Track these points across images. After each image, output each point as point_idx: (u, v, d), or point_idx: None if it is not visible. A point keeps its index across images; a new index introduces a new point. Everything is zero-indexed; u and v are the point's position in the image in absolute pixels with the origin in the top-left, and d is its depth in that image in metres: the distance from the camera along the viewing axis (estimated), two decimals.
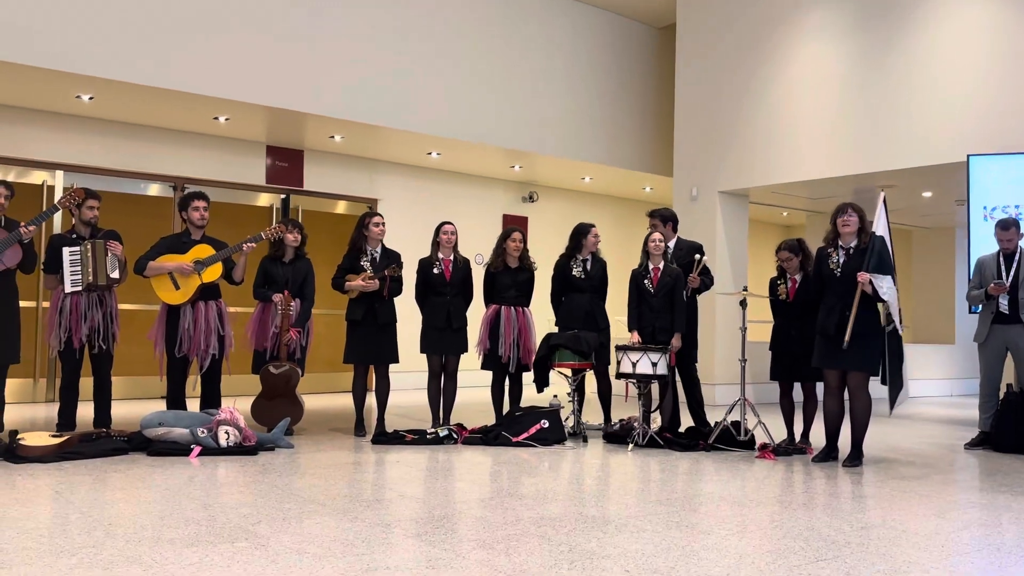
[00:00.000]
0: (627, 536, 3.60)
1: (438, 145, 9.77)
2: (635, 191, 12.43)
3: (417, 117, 9.05)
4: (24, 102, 8.03)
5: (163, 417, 5.55)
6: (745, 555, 3.35)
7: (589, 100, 10.52)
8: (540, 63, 10.08)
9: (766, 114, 9.26)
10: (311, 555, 3.20)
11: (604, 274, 6.79)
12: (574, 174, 11.36)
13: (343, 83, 8.51)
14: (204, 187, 8.75)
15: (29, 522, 3.61)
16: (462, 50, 9.40)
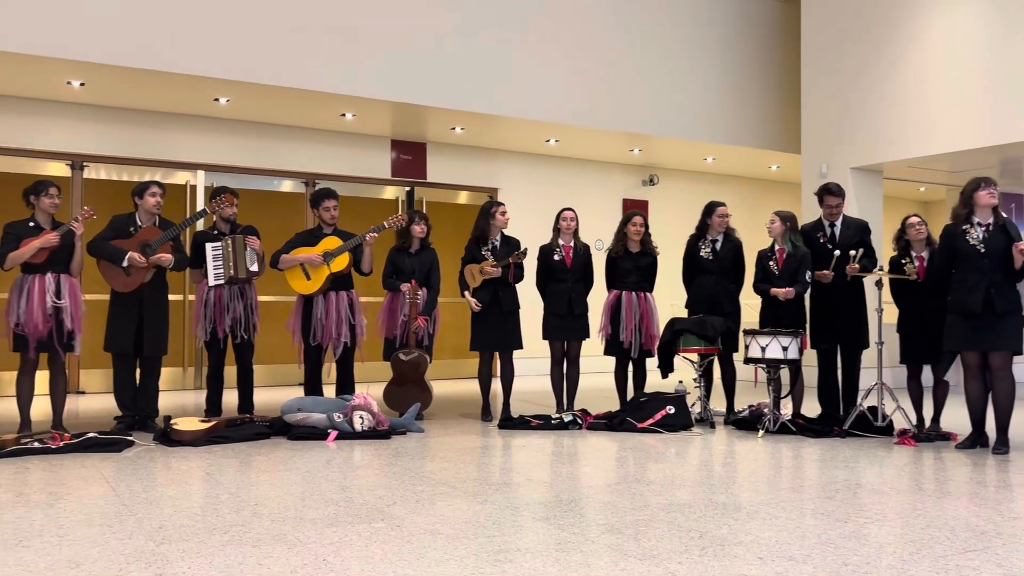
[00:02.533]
0: (759, 523, 3.53)
1: (557, 132, 9.78)
2: (761, 170, 12.07)
3: (536, 105, 9.08)
4: (168, 107, 8.54)
5: (302, 403, 5.81)
6: (885, 544, 3.23)
7: (710, 78, 10.28)
8: (659, 43, 9.92)
9: (900, 84, 8.80)
10: (444, 536, 3.29)
11: (737, 255, 6.58)
12: (696, 155, 11.14)
13: (464, 75, 8.63)
14: (332, 182, 9.09)
15: (184, 501, 3.87)
16: (579, 35, 9.36)
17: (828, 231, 6.23)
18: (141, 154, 8.62)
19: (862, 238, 6.18)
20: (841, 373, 6.19)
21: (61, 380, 5.70)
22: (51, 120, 8.24)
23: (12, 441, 5.03)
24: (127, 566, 2.89)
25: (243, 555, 3.03)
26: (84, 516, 3.56)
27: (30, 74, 7.36)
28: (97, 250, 5.74)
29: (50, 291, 5.45)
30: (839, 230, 6.21)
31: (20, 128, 8.11)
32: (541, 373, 7.46)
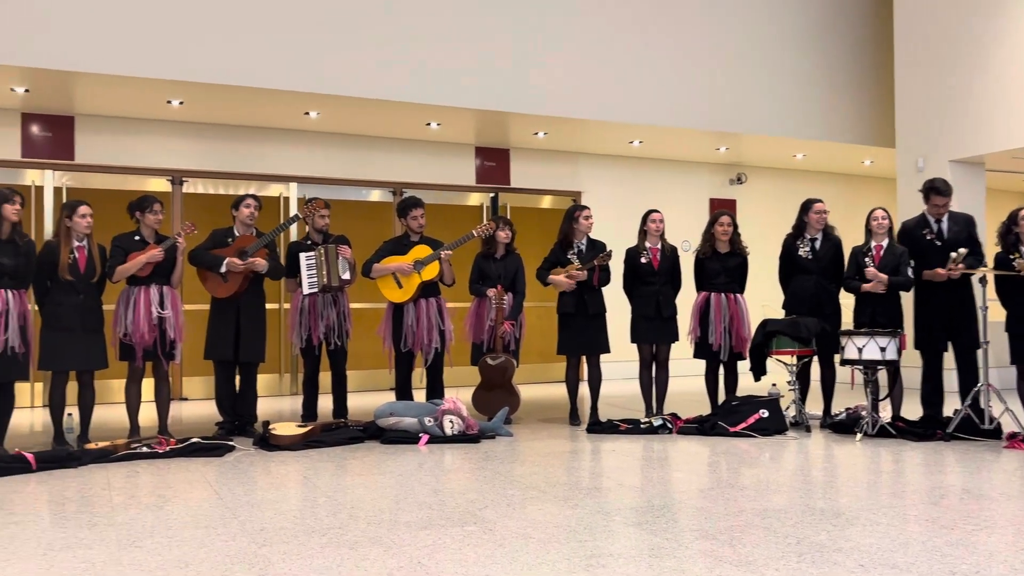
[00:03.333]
0: (860, 529, 3.43)
1: (640, 133, 9.71)
2: (854, 165, 11.71)
3: (619, 107, 9.03)
4: (261, 122, 8.83)
5: (393, 407, 5.92)
6: (995, 553, 3.09)
7: (800, 72, 10.03)
8: (745, 37, 9.74)
9: (1002, 68, 8.41)
10: (536, 540, 3.31)
11: (837, 254, 6.38)
12: (785, 152, 10.89)
13: (546, 80, 8.65)
14: (418, 190, 9.24)
15: (283, 504, 3.99)
16: (662, 34, 9.27)
17: (935, 227, 5.98)
18: (236, 168, 8.94)
19: (969, 233, 5.93)
20: (958, 375, 5.93)
21: (165, 387, 5.96)
22: (152, 138, 8.62)
23: (123, 446, 5.28)
24: (232, 567, 3.00)
25: (341, 557, 3.11)
26: (191, 518, 3.71)
27: (132, 95, 7.73)
28: (197, 259, 5.99)
29: (154, 302, 5.72)
30: (947, 226, 5.97)
31: (123, 146, 8.52)
32: (629, 377, 7.40)
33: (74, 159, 8.35)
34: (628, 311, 6.60)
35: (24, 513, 3.87)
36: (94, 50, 6.93)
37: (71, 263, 5.49)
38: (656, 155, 10.90)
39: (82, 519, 3.71)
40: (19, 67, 6.86)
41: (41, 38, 6.77)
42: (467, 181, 10.05)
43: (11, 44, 6.69)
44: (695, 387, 7.11)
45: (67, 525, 3.61)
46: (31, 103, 7.94)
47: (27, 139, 8.20)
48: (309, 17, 7.66)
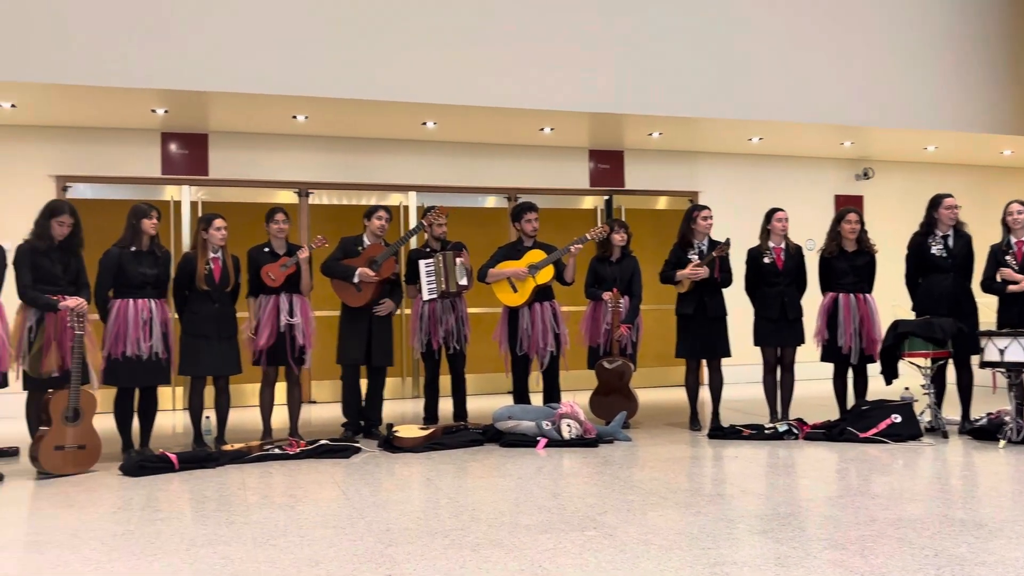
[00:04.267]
0: (1005, 542, 3.23)
1: (760, 129, 9.46)
2: (991, 156, 11.04)
3: (736, 103, 8.82)
4: (381, 133, 9.09)
5: (511, 411, 5.98)
6: None
7: (929, 60, 9.53)
8: (868, 26, 9.33)
9: None
10: (657, 546, 3.27)
11: (969, 251, 6.07)
12: (915, 144, 10.38)
13: (659, 79, 8.55)
14: (533, 195, 9.30)
15: (407, 505, 4.09)
16: (781, 26, 9.00)
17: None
18: (358, 179, 9.24)
19: None
20: None
21: (296, 391, 6.21)
22: (280, 152, 9.01)
23: (257, 448, 5.53)
24: (360, 566, 3.10)
25: (463, 559, 3.16)
26: (320, 518, 3.85)
27: (261, 111, 8.10)
28: (330, 270, 6.22)
29: (283, 310, 5.98)
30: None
31: (253, 161, 8.94)
32: (752, 381, 7.22)
33: (208, 174, 8.83)
34: (750, 313, 6.44)
35: (168, 511, 4.11)
36: (226, 71, 7.31)
37: (207, 274, 5.79)
38: (777, 151, 10.59)
39: (220, 517, 3.91)
40: (159, 90, 7.30)
41: (178, 62, 7.18)
42: (581, 184, 10.04)
43: (152, 69, 7.13)
44: (822, 391, 6.87)
45: (207, 523, 3.82)
46: (169, 123, 8.45)
47: (166, 157, 8.72)
48: (424, 31, 7.83)
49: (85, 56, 6.96)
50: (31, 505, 4.36)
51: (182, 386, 8.42)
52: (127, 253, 5.53)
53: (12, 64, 6.81)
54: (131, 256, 5.53)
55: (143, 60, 7.10)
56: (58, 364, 5.16)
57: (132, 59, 7.07)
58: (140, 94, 7.43)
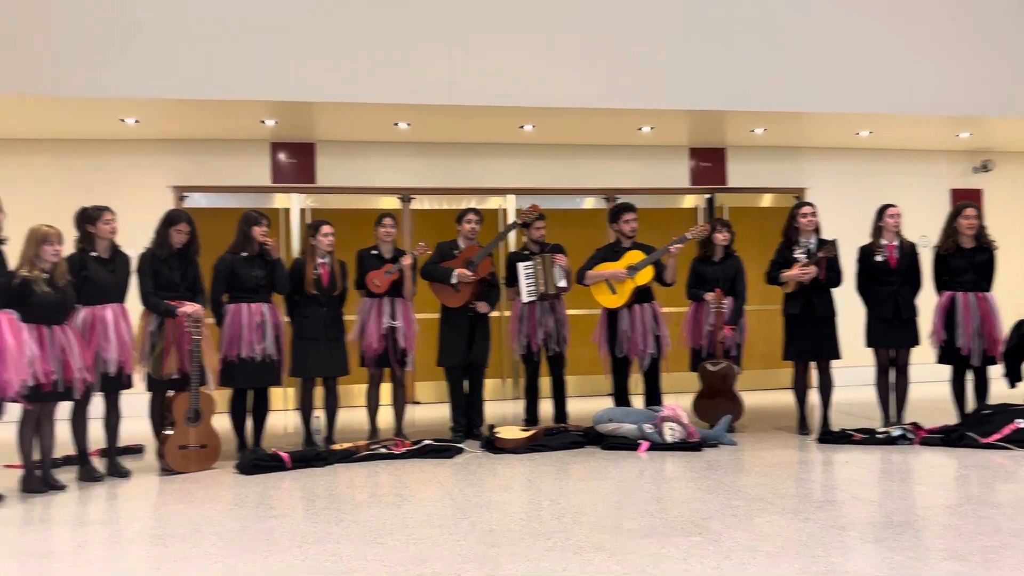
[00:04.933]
0: None
1: (869, 122, 9.11)
2: None
3: (844, 96, 8.51)
4: (480, 138, 9.20)
5: (612, 414, 5.95)
6: None
7: None
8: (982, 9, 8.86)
9: None
10: (765, 553, 3.20)
11: None
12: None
13: (762, 74, 8.33)
14: (632, 195, 9.21)
15: (510, 506, 4.12)
16: (887, 14, 8.65)
17: None
18: (458, 183, 9.36)
19: None
20: None
21: (400, 392, 6.36)
22: (382, 159, 9.22)
23: (364, 447, 5.68)
24: (464, 565, 3.15)
25: (566, 561, 3.16)
26: (426, 517, 3.93)
27: (364, 119, 8.32)
28: (429, 273, 6.34)
29: (386, 313, 6.13)
30: None
31: (358, 168, 9.18)
32: (864, 384, 6.96)
33: (315, 182, 9.11)
34: (862, 313, 6.22)
35: (281, 508, 4.26)
36: (332, 81, 7.53)
37: (316, 278, 5.98)
38: (887, 145, 10.18)
39: (331, 515, 4.04)
40: (269, 101, 7.59)
41: (286, 74, 7.45)
42: (681, 183, 9.89)
43: (262, 81, 7.41)
44: (937, 394, 6.57)
45: (318, 520, 3.94)
46: (278, 133, 8.76)
47: (275, 166, 9.05)
48: (519, 35, 7.88)
49: (200, 72, 7.29)
50: (156, 500, 4.60)
51: (293, 387, 8.72)
52: (239, 259, 5.77)
53: (135, 82, 7.21)
54: (243, 262, 5.76)
55: (254, 74, 7.39)
56: (177, 367, 5.42)
57: (244, 73, 7.37)
58: (251, 106, 7.74)
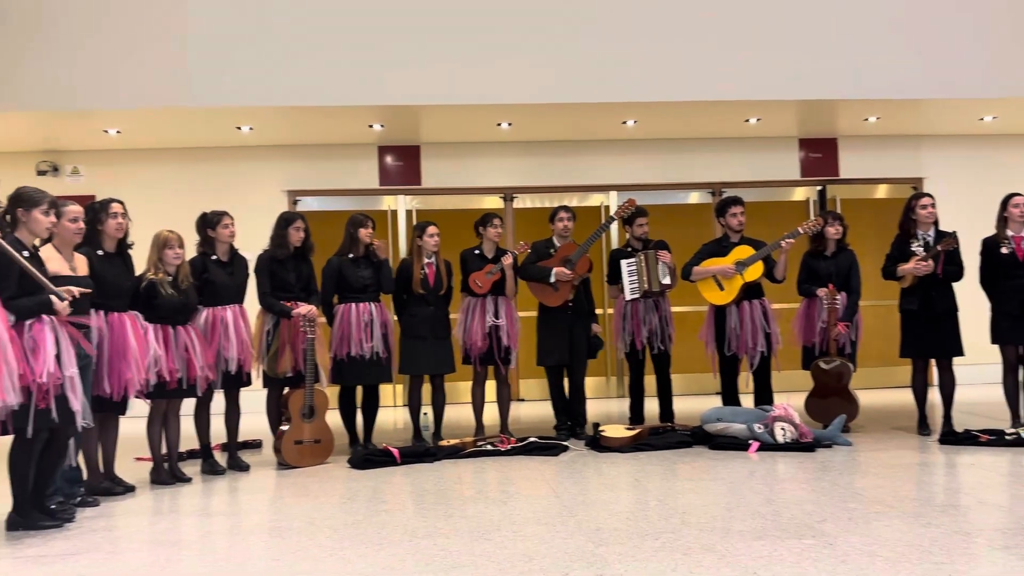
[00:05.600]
0: None
1: (994, 107, 8.63)
2: None
3: (964, 81, 8.09)
4: (581, 135, 9.18)
5: (721, 413, 5.84)
6: None
7: None
8: None
9: None
10: (883, 558, 3.08)
11: None
12: None
13: (876, 61, 8.01)
14: (739, 188, 9.03)
15: (616, 505, 4.10)
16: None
17: None
18: (559, 181, 9.37)
19: None
20: None
21: (505, 390, 6.42)
22: (486, 159, 9.33)
23: (471, 444, 5.77)
24: (571, 564, 3.15)
25: (675, 562, 3.13)
26: (532, 514, 3.95)
27: (468, 121, 8.43)
28: (527, 273, 6.36)
29: (489, 312, 6.19)
30: None
31: (461, 169, 9.31)
32: (990, 382, 6.61)
33: (421, 184, 9.29)
34: (986, 308, 5.91)
35: (392, 502, 4.37)
36: (436, 84, 7.67)
37: (422, 278, 6.10)
38: (1014, 130, 9.61)
39: (439, 510, 4.11)
40: (377, 106, 7.80)
41: (394, 79, 7.62)
42: (791, 175, 9.61)
43: (371, 87, 7.62)
44: None
45: (427, 515, 4.02)
46: (385, 137, 8.98)
47: (383, 169, 9.28)
48: (619, 28, 7.81)
49: (311, 80, 7.55)
50: (273, 493, 4.79)
51: (402, 384, 8.92)
52: (346, 261, 5.94)
53: (250, 91, 7.52)
54: (350, 263, 5.93)
55: (362, 80, 7.59)
56: (292, 365, 5.62)
57: (352, 80, 7.58)
58: (360, 111, 7.96)
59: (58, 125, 8.12)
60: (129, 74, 7.43)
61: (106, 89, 7.44)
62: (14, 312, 3.75)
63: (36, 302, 3.84)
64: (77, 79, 7.40)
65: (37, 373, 3.76)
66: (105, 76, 7.42)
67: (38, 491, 4.07)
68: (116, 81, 7.43)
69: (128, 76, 7.43)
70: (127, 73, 7.43)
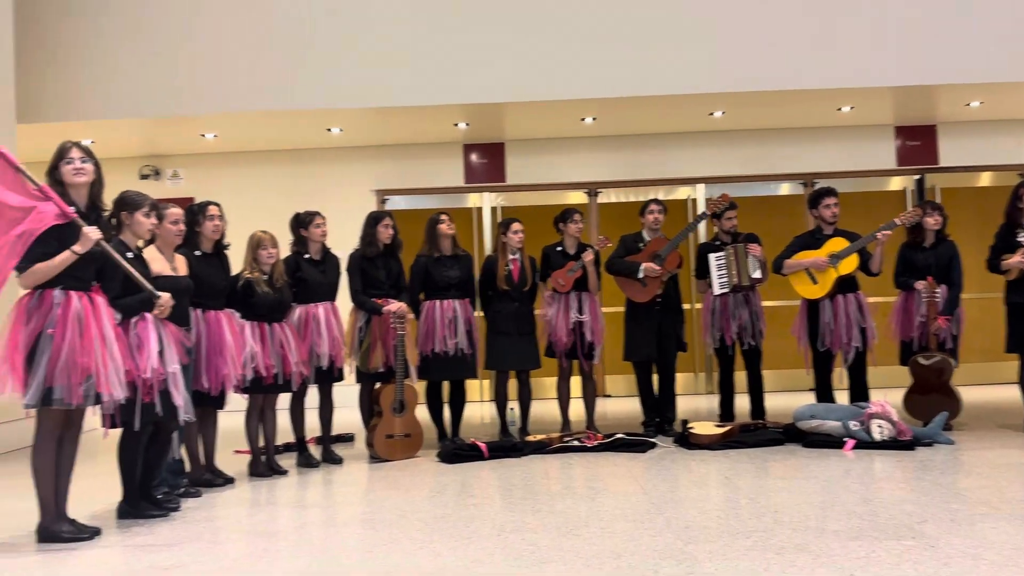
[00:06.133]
0: None
1: None
2: None
3: None
4: (666, 128, 9.08)
5: (814, 410, 5.69)
6: None
7: None
8: None
9: None
10: (989, 562, 2.95)
11: None
12: None
13: (978, 42, 7.66)
14: (832, 179, 8.77)
15: (706, 503, 4.05)
16: None
17: None
18: (645, 175, 9.29)
19: None
20: None
21: (590, 385, 6.39)
22: (569, 154, 9.32)
23: (557, 439, 5.77)
24: (660, 561, 3.13)
25: (767, 561, 3.07)
26: (620, 511, 3.94)
27: (551, 116, 8.43)
28: (614, 268, 6.32)
29: (573, 308, 6.18)
30: None
31: (545, 165, 9.32)
32: None
33: (505, 180, 9.35)
34: None
35: (480, 496, 4.42)
36: (520, 81, 7.70)
37: (507, 274, 6.14)
38: None
39: (527, 505, 4.14)
40: (462, 105, 7.88)
41: (478, 77, 7.69)
42: (887, 164, 9.29)
43: (455, 86, 7.70)
44: None
45: (515, 510, 4.05)
46: (470, 135, 9.07)
47: (468, 167, 9.37)
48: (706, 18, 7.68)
49: (399, 81, 7.68)
50: (365, 486, 4.90)
51: (488, 379, 8.99)
52: (431, 260, 6.02)
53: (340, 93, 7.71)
54: (434, 262, 6.01)
55: (447, 79, 7.68)
56: (383, 360, 5.74)
57: (437, 79, 7.68)
58: (445, 111, 8.06)
59: (159, 131, 8.49)
60: (224, 79, 7.71)
61: (203, 94, 7.74)
62: (120, 311, 3.93)
63: (139, 300, 4.02)
64: (177, 86, 7.72)
65: (142, 369, 3.94)
66: (202, 82, 7.72)
67: (145, 482, 4.26)
68: (212, 86, 7.72)
69: (223, 81, 7.71)
70: (222, 78, 7.71)
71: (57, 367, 3.59)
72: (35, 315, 3.63)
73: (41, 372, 3.58)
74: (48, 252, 3.64)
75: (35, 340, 3.60)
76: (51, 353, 3.59)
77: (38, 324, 3.61)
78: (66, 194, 3.77)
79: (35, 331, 3.61)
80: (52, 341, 3.59)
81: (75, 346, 3.62)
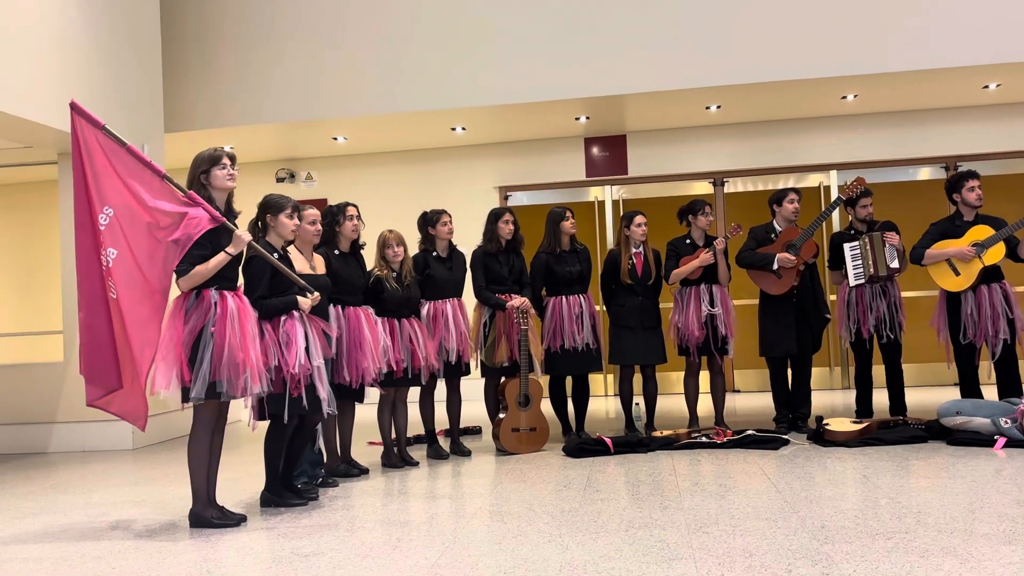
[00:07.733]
0: None
1: None
2: None
3: None
4: (796, 113, 8.78)
5: (960, 406, 5.39)
6: None
7: None
8: None
9: None
10: None
11: None
12: None
13: None
14: (976, 162, 8.30)
15: (842, 502, 3.91)
16: None
17: None
18: (773, 163, 9.02)
19: None
20: None
21: (719, 380, 6.26)
22: (693, 144, 9.15)
23: (685, 435, 5.70)
24: (794, 561, 3.04)
25: (910, 564, 2.94)
26: (751, 509, 3.85)
27: (674, 106, 8.30)
28: (746, 260, 6.15)
29: (704, 301, 6.06)
30: None
31: (668, 156, 9.19)
32: None
33: (627, 173, 9.27)
34: None
35: (607, 492, 4.42)
36: (641, 72, 7.63)
37: (630, 268, 6.09)
38: None
39: (654, 501, 4.11)
40: (582, 98, 7.87)
41: (598, 71, 7.67)
42: None
43: (576, 80, 7.71)
44: None
45: (643, 506, 4.03)
46: (591, 128, 9.04)
47: (589, 160, 9.35)
48: None
49: (519, 78, 7.75)
50: (493, 478, 4.98)
51: (612, 373, 8.96)
52: (552, 256, 6.03)
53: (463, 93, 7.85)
54: (555, 258, 6.02)
55: (567, 74, 7.70)
56: (507, 355, 5.81)
57: (558, 74, 7.71)
58: (565, 105, 8.07)
59: (293, 135, 8.88)
60: (354, 84, 7.99)
61: (335, 99, 8.05)
62: (261, 310, 4.14)
63: (283, 302, 4.22)
64: (311, 91, 8.06)
65: (290, 364, 4.14)
66: (334, 87, 8.03)
67: (288, 472, 4.48)
68: (343, 91, 8.02)
69: (353, 86, 7.99)
70: (352, 83, 7.99)
71: (222, 363, 3.82)
72: (194, 314, 3.86)
73: (206, 367, 3.82)
74: (204, 255, 3.88)
75: (196, 338, 3.83)
76: (214, 349, 3.82)
77: (198, 323, 3.85)
78: (211, 199, 4.00)
79: (195, 329, 3.84)
80: (215, 338, 3.82)
81: (234, 343, 3.84)
